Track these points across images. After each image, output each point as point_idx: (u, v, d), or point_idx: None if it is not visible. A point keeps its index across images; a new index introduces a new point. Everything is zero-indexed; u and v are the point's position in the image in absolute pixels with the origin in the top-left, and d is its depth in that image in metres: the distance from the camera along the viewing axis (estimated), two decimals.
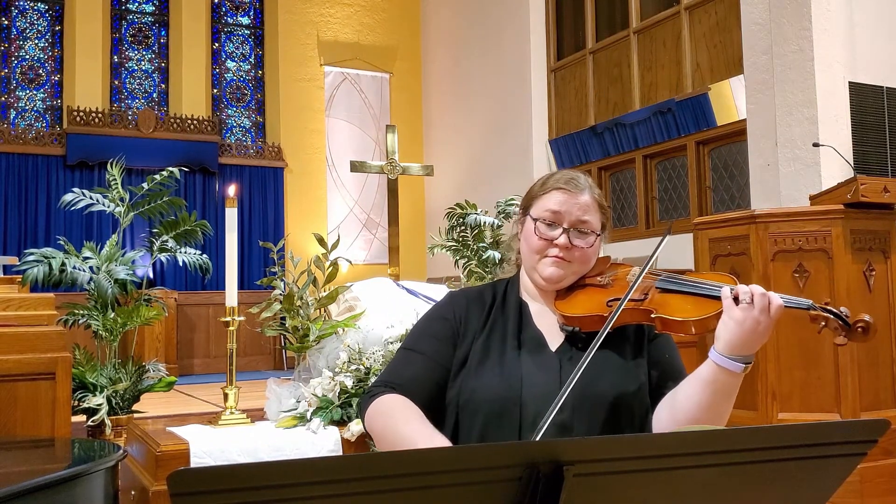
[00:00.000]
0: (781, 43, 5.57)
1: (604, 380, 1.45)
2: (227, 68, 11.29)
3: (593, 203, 1.56)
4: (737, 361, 1.35)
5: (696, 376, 1.40)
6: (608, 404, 1.44)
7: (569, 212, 1.52)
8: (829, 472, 1.01)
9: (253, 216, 10.69)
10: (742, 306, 1.34)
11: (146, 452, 2.64)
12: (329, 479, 0.80)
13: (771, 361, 3.66)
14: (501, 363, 1.48)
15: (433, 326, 1.56)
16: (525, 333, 1.53)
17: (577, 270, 1.55)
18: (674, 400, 1.44)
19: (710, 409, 1.38)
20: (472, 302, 1.58)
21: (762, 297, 1.34)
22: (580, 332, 1.49)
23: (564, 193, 1.54)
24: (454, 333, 1.53)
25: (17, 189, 9.62)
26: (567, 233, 1.52)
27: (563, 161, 9.22)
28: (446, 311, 1.57)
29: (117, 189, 4.13)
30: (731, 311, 1.35)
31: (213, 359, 9.47)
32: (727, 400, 1.39)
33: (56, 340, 2.78)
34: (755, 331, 1.33)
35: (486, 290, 1.63)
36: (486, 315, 1.56)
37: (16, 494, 1.60)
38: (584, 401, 1.42)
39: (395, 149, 5.24)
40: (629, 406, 1.46)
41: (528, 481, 0.86)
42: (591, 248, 1.55)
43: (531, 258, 1.55)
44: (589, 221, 1.54)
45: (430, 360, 1.50)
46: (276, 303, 3.16)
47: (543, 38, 9.55)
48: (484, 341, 1.51)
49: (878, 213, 3.80)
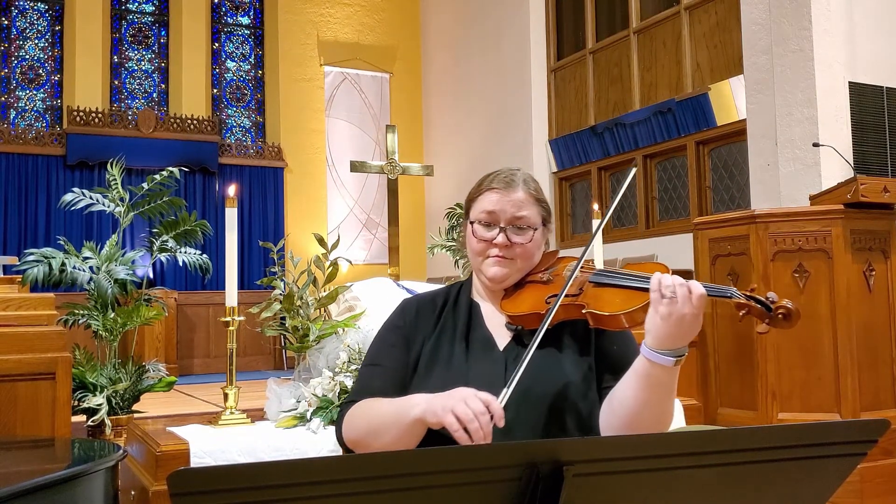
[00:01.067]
0: (781, 43, 5.57)
1: (547, 377, 1.45)
2: (226, 68, 11.29)
3: (528, 198, 1.57)
4: (666, 355, 1.33)
5: (631, 371, 1.39)
6: (552, 402, 1.44)
7: (503, 210, 1.54)
8: (829, 472, 1.01)
9: (253, 216, 10.69)
10: (666, 300, 1.32)
11: (146, 452, 2.64)
12: (329, 479, 0.80)
13: (771, 361, 3.66)
14: (448, 365, 1.50)
15: (387, 337, 1.60)
16: (474, 334, 1.55)
17: (521, 267, 1.56)
18: (613, 396, 1.44)
19: (647, 404, 1.37)
20: (423, 307, 1.61)
21: (682, 287, 1.32)
22: (524, 331, 1.51)
23: (497, 193, 1.55)
24: (406, 339, 1.57)
25: (17, 189, 9.62)
26: (504, 231, 1.53)
27: (562, 161, 9.22)
28: (398, 319, 1.61)
29: (117, 189, 4.13)
30: (656, 305, 1.33)
31: (213, 359, 9.47)
32: (665, 394, 1.38)
33: (56, 340, 2.78)
34: (681, 323, 1.32)
35: (440, 294, 1.65)
36: (436, 318, 1.58)
37: (16, 494, 1.60)
38: (528, 399, 1.43)
39: (395, 149, 5.24)
40: (573, 403, 1.46)
41: (528, 481, 0.86)
42: (532, 243, 1.55)
43: (475, 260, 1.58)
44: (525, 217, 1.55)
45: (390, 370, 1.54)
46: (276, 303, 3.16)
47: (543, 38, 9.55)
48: (433, 345, 1.54)
49: (878, 213, 3.80)
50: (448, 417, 1.26)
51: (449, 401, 1.28)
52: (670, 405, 1.40)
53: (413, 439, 1.37)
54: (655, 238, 7.91)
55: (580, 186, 9.23)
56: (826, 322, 3.63)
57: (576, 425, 1.45)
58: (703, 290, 1.32)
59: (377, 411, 1.43)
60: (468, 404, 1.25)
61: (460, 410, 1.25)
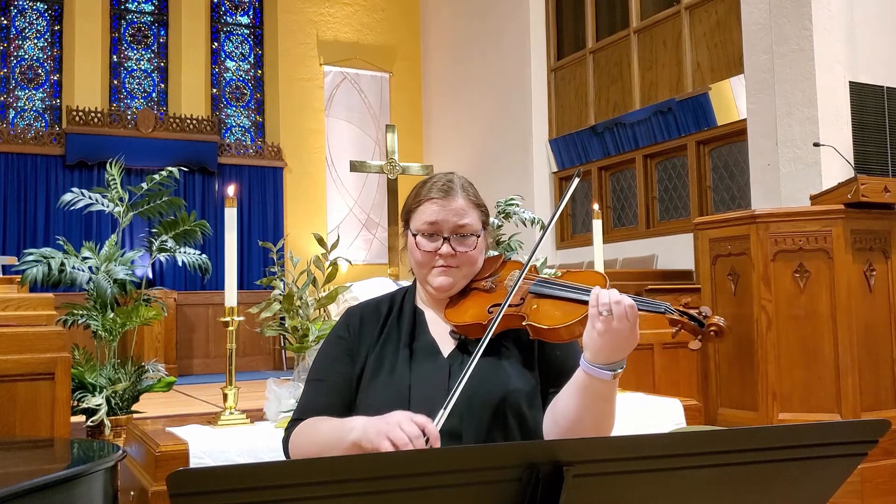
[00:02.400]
0: (782, 42, 5.57)
1: (491, 384, 1.45)
2: (226, 68, 11.29)
3: (468, 204, 1.55)
4: (604, 370, 1.34)
5: (572, 382, 1.39)
6: (496, 408, 1.44)
7: (445, 220, 1.52)
8: (829, 473, 1.01)
9: (252, 216, 10.69)
10: (602, 317, 1.32)
11: (145, 453, 2.63)
12: (329, 479, 0.80)
13: (771, 362, 3.66)
14: (392, 374, 1.50)
15: (331, 350, 1.59)
16: (418, 342, 1.54)
17: (466, 274, 1.56)
18: (555, 404, 1.44)
19: (588, 412, 1.37)
20: (367, 316, 1.60)
21: (617, 305, 1.31)
22: (468, 339, 1.51)
23: (436, 203, 1.53)
24: (350, 351, 1.56)
25: (17, 189, 9.61)
26: (448, 241, 1.52)
27: (563, 161, 9.22)
28: (341, 330, 1.60)
29: (116, 189, 4.13)
30: (593, 321, 1.33)
31: (213, 359, 9.47)
32: (605, 404, 1.38)
33: (55, 340, 2.77)
34: (618, 339, 1.32)
35: (384, 301, 1.64)
36: (380, 327, 1.58)
37: (15, 495, 1.60)
38: (472, 406, 1.43)
39: (395, 148, 5.24)
40: (518, 408, 1.46)
41: (528, 482, 0.86)
42: (476, 249, 1.55)
43: (420, 271, 1.57)
44: (467, 224, 1.54)
45: (333, 385, 1.53)
46: (275, 303, 3.16)
47: (543, 37, 9.55)
48: (378, 353, 1.54)
49: (879, 213, 3.80)
50: (383, 443, 1.24)
51: (384, 426, 1.26)
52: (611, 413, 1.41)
53: None
54: (656, 238, 7.91)
55: (580, 186, 9.23)
56: (826, 322, 3.63)
57: (519, 430, 1.45)
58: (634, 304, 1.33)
59: (318, 434, 1.43)
60: (403, 428, 1.23)
61: (395, 435, 1.23)
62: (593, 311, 1.33)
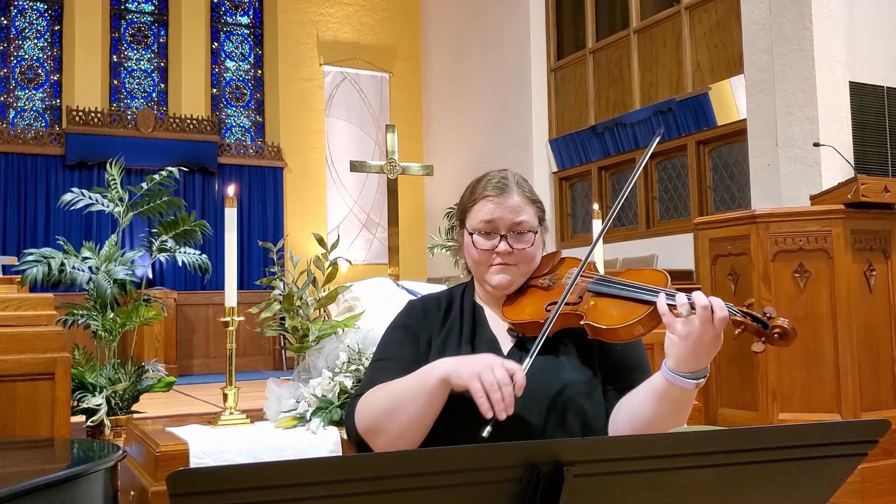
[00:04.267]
0: (782, 42, 5.57)
1: (549, 379, 1.44)
2: (226, 68, 11.29)
3: (524, 201, 1.54)
4: (688, 378, 1.30)
5: (650, 388, 1.36)
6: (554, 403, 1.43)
7: (502, 218, 1.51)
8: (829, 473, 1.01)
9: (252, 216, 10.68)
10: (682, 320, 1.27)
11: (145, 453, 2.63)
12: (329, 479, 0.80)
13: (771, 361, 3.66)
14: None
15: (394, 335, 1.59)
16: (479, 337, 1.54)
17: (524, 271, 1.55)
18: (629, 407, 1.41)
19: (665, 419, 1.35)
20: (428, 309, 1.60)
21: (704, 309, 1.26)
22: (525, 337, 1.50)
23: (492, 201, 1.52)
24: (415, 336, 1.56)
25: (17, 189, 9.61)
26: (505, 239, 1.51)
27: (563, 161, 9.22)
28: (404, 318, 1.61)
29: (116, 189, 4.12)
30: (672, 326, 1.29)
31: (213, 359, 9.47)
32: (682, 411, 1.36)
33: (55, 340, 2.77)
34: (700, 344, 1.27)
35: (443, 296, 1.64)
36: (442, 320, 1.58)
37: (15, 494, 1.60)
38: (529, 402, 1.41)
39: (395, 148, 5.23)
40: (577, 404, 1.44)
41: (529, 481, 0.86)
42: (533, 246, 1.54)
43: (477, 270, 1.56)
44: (524, 221, 1.53)
45: (400, 363, 1.53)
46: (275, 303, 3.16)
47: (543, 37, 9.55)
48: (440, 346, 1.54)
49: (879, 213, 3.80)
50: (473, 383, 1.26)
51: (476, 365, 1.28)
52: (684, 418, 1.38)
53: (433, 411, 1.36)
54: (656, 238, 7.91)
55: (580, 186, 9.23)
56: (826, 322, 3.63)
57: (580, 427, 1.44)
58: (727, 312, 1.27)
59: (394, 388, 1.41)
60: (494, 372, 1.25)
61: (486, 378, 1.25)
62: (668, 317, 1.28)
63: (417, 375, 1.38)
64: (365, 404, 1.46)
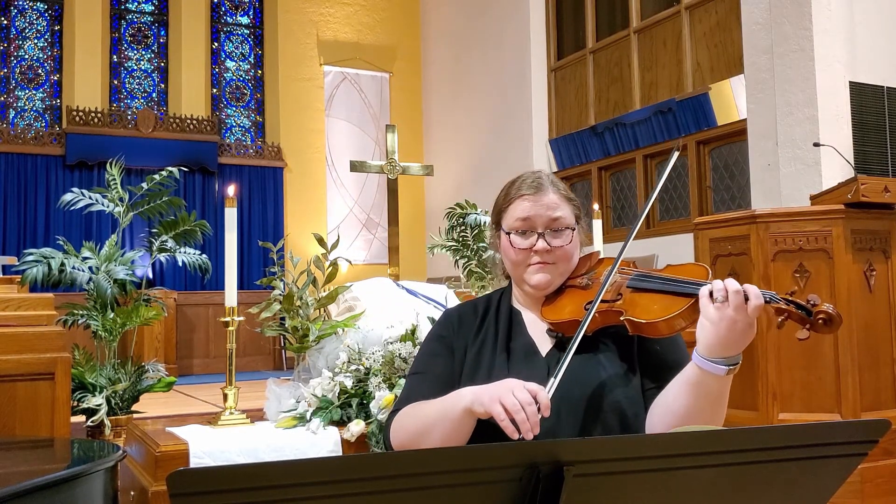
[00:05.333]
0: (782, 42, 5.57)
1: (588, 380, 1.43)
2: (226, 68, 11.29)
3: (560, 199, 1.54)
4: (718, 364, 1.28)
5: (683, 378, 1.35)
6: (594, 406, 1.42)
7: (538, 215, 1.51)
8: (829, 473, 1.01)
9: (252, 216, 10.68)
10: (716, 305, 1.27)
11: (145, 453, 2.63)
12: (329, 479, 0.80)
13: (771, 361, 3.66)
14: (489, 374, 1.48)
15: (431, 347, 1.59)
16: (515, 342, 1.53)
17: (562, 271, 1.54)
18: (664, 401, 1.40)
19: (700, 412, 1.32)
20: (464, 317, 1.60)
21: (736, 294, 1.26)
22: (565, 337, 1.48)
23: (528, 199, 1.52)
24: (451, 348, 1.56)
25: (17, 189, 9.61)
26: (542, 237, 1.50)
27: (563, 161, 9.22)
28: (441, 329, 1.60)
29: (116, 189, 4.13)
30: (706, 310, 1.28)
31: (213, 359, 9.47)
32: (718, 402, 1.33)
33: (55, 340, 2.77)
34: (733, 330, 1.26)
35: (480, 302, 1.64)
36: (477, 327, 1.57)
37: (15, 494, 1.60)
38: (568, 403, 1.40)
39: (395, 148, 5.23)
40: (616, 404, 1.42)
41: (529, 481, 0.86)
42: (571, 244, 1.53)
43: (516, 271, 1.55)
44: (561, 218, 1.52)
45: (436, 377, 1.53)
46: (275, 303, 3.16)
47: (543, 37, 9.55)
48: (476, 353, 1.53)
49: (879, 213, 3.80)
50: (495, 407, 1.25)
51: (497, 390, 1.27)
52: (721, 413, 1.35)
53: (462, 435, 1.36)
54: (656, 238, 7.91)
55: (580, 186, 9.23)
56: None
57: (619, 426, 1.42)
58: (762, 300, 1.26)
59: (426, 410, 1.42)
60: (515, 395, 1.24)
61: (508, 401, 1.24)
62: (704, 300, 1.28)
63: (445, 402, 1.38)
64: (399, 423, 1.47)
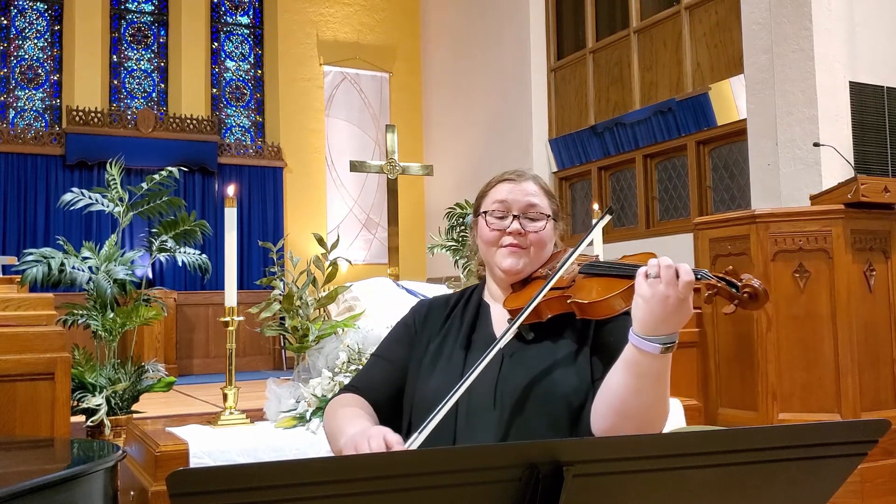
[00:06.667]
0: (782, 42, 5.57)
1: (540, 371, 1.43)
2: (226, 68, 11.29)
3: (539, 189, 1.58)
4: (652, 342, 1.26)
5: (622, 358, 1.33)
6: (543, 396, 1.42)
7: (516, 199, 1.55)
8: (829, 473, 1.01)
9: (252, 216, 10.68)
10: (649, 281, 1.26)
11: (145, 453, 2.63)
12: (329, 479, 0.80)
13: (771, 362, 3.66)
14: (447, 365, 1.50)
15: (397, 332, 1.63)
16: (478, 333, 1.54)
17: (533, 258, 1.54)
18: (606, 382, 1.38)
19: (637, 392, 1.30)
20: (434, 308, 1.62)
21: (668, 269, 1.26)
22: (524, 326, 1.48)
23: (509, 183, 1.57)
24: (411, 338, 1.59)
25: (17, 189, 9.61)
26: (518, 219, 1.53)
27: (562, 161, 9.22)
28: (408, 317, 1.64)
29: (116, 189, 4.13)
30: (640, 287, 1.27)
31: (213, 359, 9.47)
32: (657, 383, 1.30)
33: (55, 340, 2.77)
34: (664, 305, 1.25)
35: (454, 295, 1.66)
36: (444, 320, 1.59)
37: (15, 494, 1.60)
38: (520, 400, 1.41)
39: (395, 148, 5.23)
40: (566, 397, 1.42)
41: (528, 482, 0.86)
42: (545, 231, 1.55)
43: (488, 252, 1.57)
44: (538, 205, 1.55)
45: (390, 363, 1.57)
46: (275, 303, 3.16)
47: (543, 37, 9.55)
48: (438, 345, 1.54)
49: (879, 213, 3.80)
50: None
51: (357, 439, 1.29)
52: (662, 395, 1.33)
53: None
54: (656, 238, 7.91)
55: (580, 186, 9.23)
56: (826, 322, 3.63)
57: (567, 416, 1.42)
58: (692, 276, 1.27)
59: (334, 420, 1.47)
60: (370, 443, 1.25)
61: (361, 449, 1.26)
62: (639, 278, 1.28)
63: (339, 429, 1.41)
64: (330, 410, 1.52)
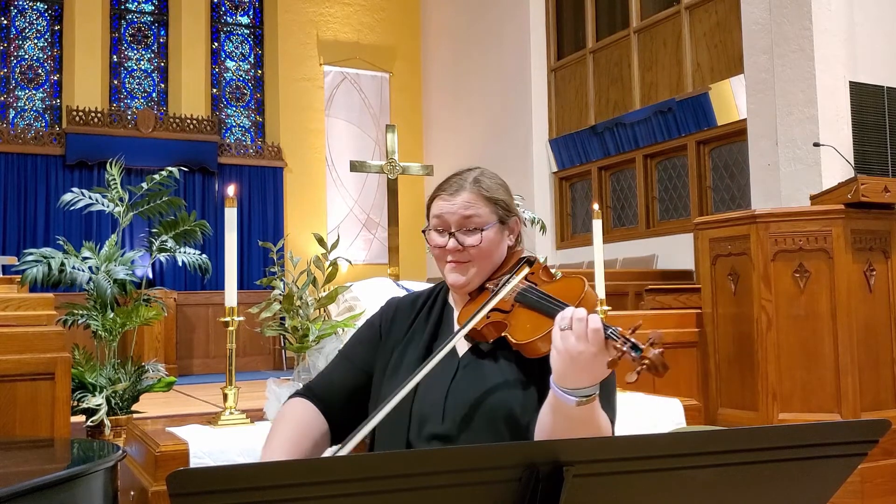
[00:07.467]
0: (782, 42, 5.57)
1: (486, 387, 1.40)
2: (226, 68, 11.29)
3: (476, 198, 1.50)
4: (568, 395, 1.21)
5: (547, 400, 1.29)
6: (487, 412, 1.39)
7: (451, 213, 1.49)
8: (829, 473, 1.01)
9: (252, 216, 10.68)
10: (563, 333, 1.22)
11: (145, 453, 2.63)
12: (329, 479, 0.80)
13: (771, 362, 3.66)
14: (408, 372, 1.46)
15: (363, 332, 1.61)
16: (438, 341, 1.51)
17: (479, 270, 1.50)
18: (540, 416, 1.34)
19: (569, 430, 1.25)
20: (401, 311, 1.59)
21: (580, 322, 1.20)
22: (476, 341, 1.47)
23: (442, 199, 1.52)
24: (376, 339, 1.57)
25: (17, 189, 9.61)
26: (454, 236, 1.49)
27: (562, 161, 9.22)
28: (376, 317, 1.61)
29: (116, 189, 4.13)
30: (554, 337, 1.23)
31: (213, 359, 9.47)
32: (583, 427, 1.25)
33: (55, 340, 2.77)
34: (576, 360, 1.19)
35: (422, 295, 1.62)
36: (409, 324, 1.56)
37: (15, 494, 1.60)
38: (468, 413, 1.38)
39: (395, 148, 5.23)
40: (511, 414, 1.38)
41: (528, 482, 0.86)
42: (485, 243, 1.49)
43: (439, 266, 1.55)
44: (473, 217, 1.49)
45: (352, 365, 1.56)
46: (275, 303, 3.16)
47: (543, 37, 9.55)
48: (400, 353, 1.52)
49: (879, 213, 3.80)
50: None
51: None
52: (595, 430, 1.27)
53: None
54: (655, 238, 7.91)
55: (580, 186, 9.23)
56: (826, 322, 3.63)
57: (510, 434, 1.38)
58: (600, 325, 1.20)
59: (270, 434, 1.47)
60: None
61: None
62: (556, 328, 1.24)
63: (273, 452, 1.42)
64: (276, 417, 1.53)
